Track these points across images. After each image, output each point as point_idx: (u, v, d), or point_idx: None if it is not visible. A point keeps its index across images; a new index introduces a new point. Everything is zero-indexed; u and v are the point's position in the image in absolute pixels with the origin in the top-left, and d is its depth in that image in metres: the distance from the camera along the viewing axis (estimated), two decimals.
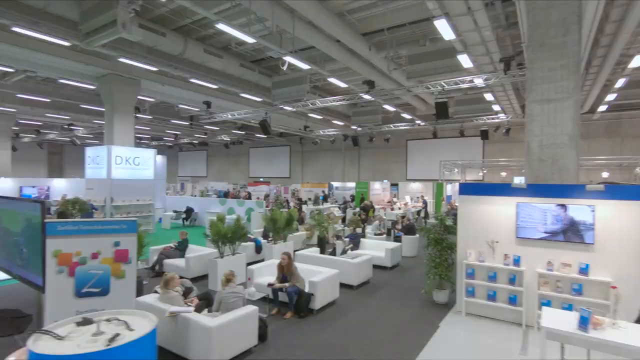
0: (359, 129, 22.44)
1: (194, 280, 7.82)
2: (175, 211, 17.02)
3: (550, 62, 6.11)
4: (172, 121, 22.94)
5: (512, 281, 5.84)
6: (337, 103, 15.08)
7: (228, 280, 5.05)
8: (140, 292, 6.04)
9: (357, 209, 16.40)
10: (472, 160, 21.79)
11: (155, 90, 15.69)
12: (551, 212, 5.53)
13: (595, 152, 19.51)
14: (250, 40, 9.47)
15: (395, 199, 21.51)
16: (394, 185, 24.56)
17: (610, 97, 15.37)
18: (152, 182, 14.62)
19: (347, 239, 9.97)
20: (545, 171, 6.15)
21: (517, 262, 5.80)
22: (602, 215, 5.21)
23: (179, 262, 8.19)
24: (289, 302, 6.07)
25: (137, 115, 17.13)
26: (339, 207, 17.87)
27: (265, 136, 28.40)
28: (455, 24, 9.27)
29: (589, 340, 3.22)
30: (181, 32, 12.00)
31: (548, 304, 5.37)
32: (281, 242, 9.24)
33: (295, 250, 9.21)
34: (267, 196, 20.57)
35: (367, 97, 13.84)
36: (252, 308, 4.81)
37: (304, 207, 17.46)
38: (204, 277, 7.94)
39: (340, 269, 7.23)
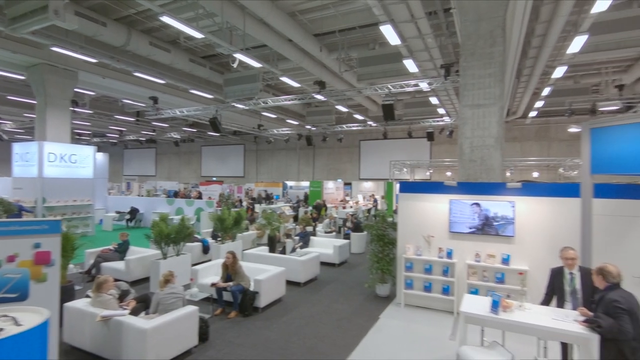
0: (313, 128, 22.64)
1: (135, 283, 7.50)
2: (118, 212, 16.07)
3: (480, 70, 6.64)
4: (116, 117, 21.60)
5: (445, 273, 6.28)
6: (289, 102, 15.12)
7: (167, 280, 4.91)
8: (71, 297, 5.68)
9: (310, 208, 16.57)
10: (420, 160, 22.88)
11: (96, 83, 14.68)
12: (480, 207, 6.02)
13: (527, 153, 21.38)
14: (198, 35, 9.22)
15: (347, 198, 22.00)
16: (348, 184, 25.11)
17: (539, 104, 16.92)
18: (91, 181, 13.68)
19: (297, 237, 10.06)
20: (475, 170, 6.68)
21: (449, 255, 6.24)
22: (521, 210, 5.78)
23: (118, 265, 7.78)
24: (233, 301, 6.03)
25: (75, 109, 15.94)
26: (292, 206, 17.91)
27: (217, 134, 27.76)
28: (400, 30, 9.71)
29: (498, 322, 3.60)
30: (124, 23, 11.36)
31: (476, 292, 5.86)
32: (229, 242, 9.11)
33: (244, 250, 9.13)
34: (221, 195, 20.10)
35: (319, 97, 14.02)
36: (191, 308, 4.73)
37: (257, 206, 17.29)
38: (146, 280, 7.63)
39: (287, 266, 7.31)
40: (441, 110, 18.71)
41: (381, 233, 7.08)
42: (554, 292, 4.07)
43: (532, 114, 19.21)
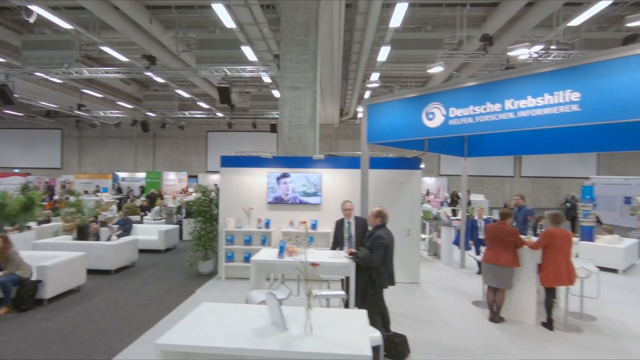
0: (152, 114, 20.52)
1: None
2: None
3: (297, 56, 7.26)
4: None
5: (264, 242, 6.60)
6: (112, 76, 13.29)
7: None
8: None
9: (142, 198, 15.00)
10: (266, 152, 23.58)
11: None
12: (292, 179, 6.56)
13: (357, 150, 24.69)
14: None
15: (190, 190, 20.89)
16: (193, 176, 23.77)
17: None
18: None
19: (115, 226, 8.93)
20: (293, 147, 7.26)
21: (267, 224, 6.59)
22: (327, 181, 6.58)
23: None
24: (4, 295, 4.86)
25: None
26: (121, 198, 15.85)
27: (22, 114, 22.08)
28: (235, 14, 9.69)
29: (281, 264, 4.00)
30: None
31: None
32: (16, 233, 7.32)
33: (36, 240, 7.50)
34: (23, 187, 15.98)
35: (148, 74, 12.76)
36: None
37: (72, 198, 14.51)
38: None
39: (93, 253, 6.40)
40: None
41: (202, 209, 6.92)
42: (338, 240, 4.77)
43: (360, 115, 22.32)
